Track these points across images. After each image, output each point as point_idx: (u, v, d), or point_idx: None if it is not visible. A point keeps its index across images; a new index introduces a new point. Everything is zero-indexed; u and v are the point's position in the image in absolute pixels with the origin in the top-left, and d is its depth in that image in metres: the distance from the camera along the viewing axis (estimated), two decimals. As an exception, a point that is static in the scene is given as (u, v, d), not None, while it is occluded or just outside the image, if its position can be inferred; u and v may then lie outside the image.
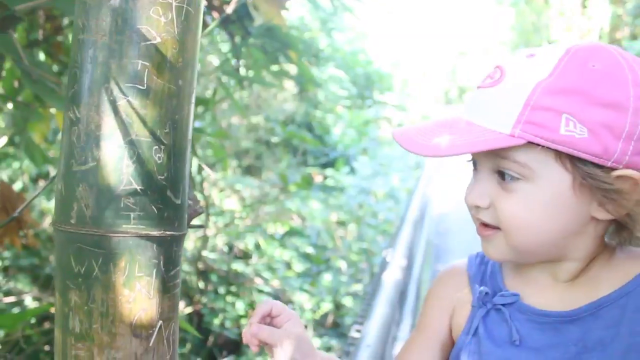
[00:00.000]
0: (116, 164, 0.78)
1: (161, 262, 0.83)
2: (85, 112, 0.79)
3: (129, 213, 0.79)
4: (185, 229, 0.87)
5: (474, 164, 0.88)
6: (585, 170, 0.78)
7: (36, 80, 1.52)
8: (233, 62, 3.15)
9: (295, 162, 8.75)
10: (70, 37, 2.68)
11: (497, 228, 0.84)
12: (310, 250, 6.55)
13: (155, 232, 0.81)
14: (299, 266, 6.20)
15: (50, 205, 4.97)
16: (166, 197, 0.82)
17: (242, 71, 3.17)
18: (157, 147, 0.80)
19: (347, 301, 6.39)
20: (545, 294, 0.87)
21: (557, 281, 0.87)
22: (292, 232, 6.66)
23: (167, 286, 0.85)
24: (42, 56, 2.78)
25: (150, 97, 0.79)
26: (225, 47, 3.59)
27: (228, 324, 5.40)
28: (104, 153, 0.78)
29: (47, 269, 4.72)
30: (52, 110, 2.70)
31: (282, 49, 3.15)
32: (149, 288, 0.82)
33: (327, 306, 6.16)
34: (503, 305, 0.89)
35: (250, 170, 7.91)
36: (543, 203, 0.80)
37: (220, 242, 5.86)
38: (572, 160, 0.78)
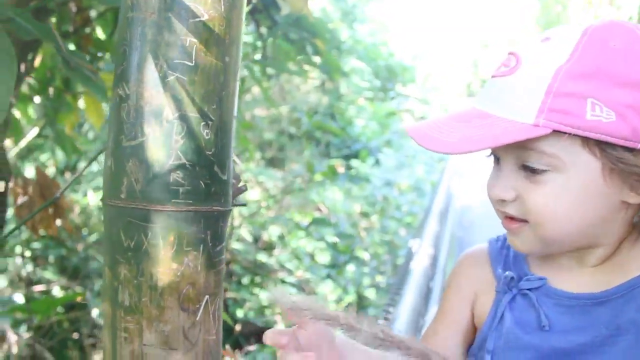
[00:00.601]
0: (165, 139, 0.80)
1: (208, 237, 0.84)
2: (134, 89, 0.80)
3: (178, 188, 0.80)
4: (230, 206, 0.89)
5: (495, 158, 0.86)
6: (615, 155, 0.76)
7: (74, 68, 1.54)
8: (259, 51, 3.17)
9: (318, 153, 8.76)
10: (98, 30, 2.72)
11: (523, 221, 0.82)
12: (334, 239, 6.55)
13: (202, 207, 0.82)
14: (322, 257, 6.21)
15: (77, 197, 5.04)
16: (213, 173, 0.83)
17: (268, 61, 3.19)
18: (205, 123, 0.81)
19: (370, 293, 6.39)
20: (572, 277, 0.86)
21: (585, 266, 0.86)
22: (316, 222, 6.68)
23: (213, 261, 0.86)
24: (72, 48, 2.82)
25: (198, 73, 0.80)
26: (249, 37, 3.60)
27: (252, 314, 5.44)
28: (153, 129, 0.79)
29: (74, 259, 4.79)
30: (80, 103, 2.74)
31: (309, 39, 3.15)
32: (196, 263, 0.83)
33: (350, 298, 6.17)
34: (529, 289, 0.87)
35: (273, 162, 7.94)
36: (574, 193, 0.78)
37: (245, 232, 5.90)
38: (600, 146, 0.76)
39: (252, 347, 4.77)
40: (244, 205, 0.96)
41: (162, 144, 0.80)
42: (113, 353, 0.85)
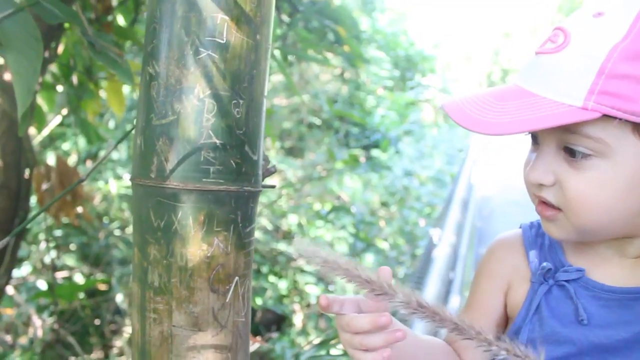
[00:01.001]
0: (196, 117, 0.78)
1: (238, 218, 0.83)
2: (164, 67, 0.79)
3: (209, 167, 0.79)
4: (261, 186, 0.87)
5: (534, 139, 0.81)
6: None
7: (100, 52, 1.54)
8: (280, 39, 3.15)
9: (337, 143, 8.73)
10: (119, 18, 2.72)
11: (558, 209, 0.78)
12: (354, 229, 6.54)
13: (233, 187, 0.81)
14: (341, 246, 6.20)
15: (98, 185, 5.08)
16: (244, 152, 0.82)
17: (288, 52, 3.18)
18: (236, 101, 0.80)
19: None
20: (611, 269, 0.82)
21: (625, 257, 0.82)
22: (336, 210, 6.66)
23: (244, 242, 0.85)
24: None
25: (229, 51, 0.79)
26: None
27: (270, 303, 5.46)
28: (184, 106, 0.78)
29: (95, 247, 4.84)
30: (102, 93, 2.75)
31: (331, 26, 3.13)
32: (227, 243, 0.82)
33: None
34: (567, 281, 0.83)
35: (292, 152, 7.93)
36: (619, 181, 0.74)
37: (264, 221, 5.91)
38: None
39: (272, 335, 4.79)
40: (273, 187, 0.95)
41: (193, 123, 0.79)
42: (142, 334, 0.85)
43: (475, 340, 0.69)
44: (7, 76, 1.99)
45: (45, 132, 3.67)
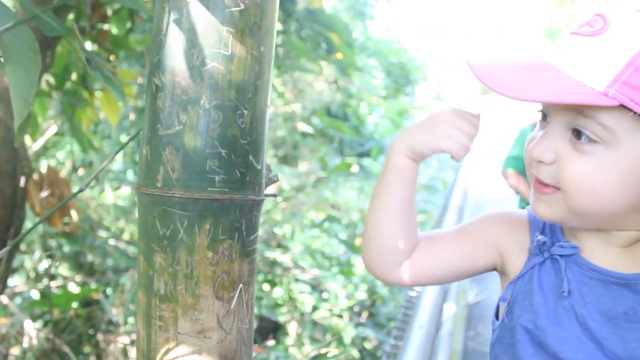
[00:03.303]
0: (202, 127, 0.80)
1: (243, 226, 0.84)
2: (170, 78, 0.81)
3: (214, 176, 0.81)
4: (264, 195, 0.89)
5: (544, 116, 0.83)
6: None
7: (95, 68, 1.55)
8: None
9: (331, 151, 8.75)
10: (115, 27, 2.73)
11: (555, 188, 0.80)
12: (345, 236, 6.55)
13: (238, 196, 0.83)
14: (334, 253, 6.20)
15: (92, 193, 5.07)
16: (248, 162, 0.83)
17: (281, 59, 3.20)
18: (240, 112, 0.82)
19: (382, 290, 6.38)
20: (604, 253, 0.85)
21: (612, 246, 0.84)
22: (330, 219, 6.67)
23: (248, 250, 0.86)
24: (89, 45, 2.83)
25: (234, 62, 0.80)
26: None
27: (265, 311, 5.45)
28: (190, 117, 0.80)
29: (89, 256, 4.82)
30: (97, 102, 2.76)
31: (324, 33, 3.15)
32: (231, 251, 0.84)
33: (361, 295, 6.16)
34: (560, 256, 0.86)
35: (286, 160, 7.94)
36: (617, 172, 0.75)
37: (260, 229, 5.90)
38: None
39: (268, 343, 4.78)
40: (276, 195, 0.96)
41: (199, 133, 0.80)
42: (147, 341, 0.86)
43: None
44: (3, 84, 2.00)
45: (41, 140, 3.67)
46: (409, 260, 0.92)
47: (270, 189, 0.93)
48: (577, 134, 0.77)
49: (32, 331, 2.98)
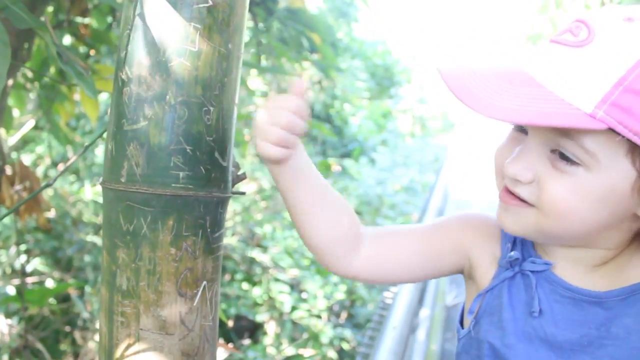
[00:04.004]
0: (167, 123, 0.80)
1: (207, 223, 0.84)
2: (137, 73, 0.80)
3: (178, 172, 0.81)
4: (230, 193, 0.89)
5: (519, 128, 0.79)
6: None
7: (66, 63, 1.53)
8: (254, 47, 3.16)
9: (314, 152, 8.74)
10: (95, 20, 2.71)
11: (528, 204, 0.77)
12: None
13: (202, 193, 0.83)
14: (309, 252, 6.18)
15: (73, 188, 5.02)
16: (214, 159, 0.83)
17: (262, 59, 3.18)
18: (206, 108, 0.81)
19: (361, 289, 6.38)
20: (576, 271, 0.83)
21: (582, 264, 0.83)
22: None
23: (212, 247, 0.86)
24: (68, 38, 2.81)
25: (201, 58, 0.80)
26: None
27: (244, 310, 5.43)
28: (155, 112, 0.80)
29: (67, 251, 4.78)
30: (76, 96, 2.73)
31: (305, 32, 3.15)
32: (195, 248, 0.83)
33: (340, 295, 6.16)
34: (532, 271, 0.84)
35: (268, 159, 7.89)
36: (596, 194, 0.72)
37: (238, 228, 5.89)
38: None
39: (244, 342, 4.77)
40: (243, 194, 0.96)
41: (164, 129, 0.80)
42: (109, 337, 0.85)
43: None
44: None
45: (19, 135, 3.63)
46: (364, 254, 0.90)
47: (250, 186, 0.92)
48: (559, 154, 0.73)
49: (5, 327, 2.94)
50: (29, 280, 4.18)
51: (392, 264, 0.92)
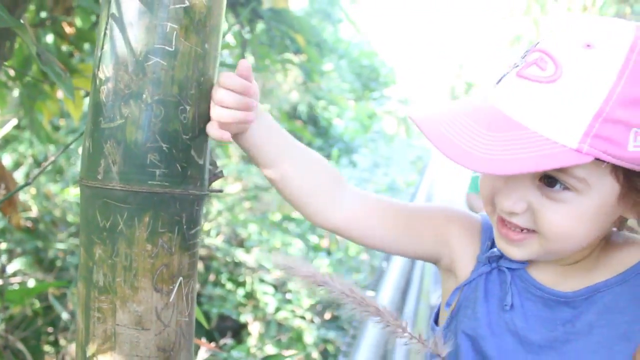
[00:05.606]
0: (144, 121, 0.81)
1: (183, 220, 0.86)
2: (114, 72, 0.82)
3: (155, 170, 0.82)
4: (207, 190, 0.90)
5: None
6: (637, 183, 0.74)
7: (45, 63, 1.53)
8: (238, 47, 3.17)
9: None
10: (79, 19, 2.70)
11: (527, 232, 0.81)
12: (312, 238, 6.57)
13: (178, 190, 0.84)
14: (293, 250, 6.20)
15: (57, 187, 5.00)
16: (190, 157, 0.85)
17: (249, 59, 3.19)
18: (182, 107, 0.83)
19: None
20: (548, 271, 0.87)
21: (559, 264, 0.87)
22: (288, 219, 6.69)
23: (188, 244, 0.87)
24: (50, 37, 2.80)
25: (177, 58, 0.82)
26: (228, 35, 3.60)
27: (228, 310, 5.43)
28: (132, 111, 0.81)
29: (50, 252, 4.75)
30: (59, 94, 2.72)
31: (289, 34, 3.16)
32: (171, 244, 0.85)
33: (323, 292, 6.16)
34: (508, 268, 0.88)
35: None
36: (590, 213, 0.76)
37: (223, 229, 5.88)
38: (626, 174, 0.74)
39: (226, 341, 4.77)
40: (221, 191, 0.97)
41: (140, 127, 0.81)
42: (86, 333, 0.86)
43: (393, 326, 0.78)
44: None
45: (0, 134, 3.60)
46: (347, 208, 0.94)
47: (236, 186, 0.95)
48: (548, 181, 0.76)
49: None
50: (13, 280, 4.15)
51: (371, 228, 0.95)
